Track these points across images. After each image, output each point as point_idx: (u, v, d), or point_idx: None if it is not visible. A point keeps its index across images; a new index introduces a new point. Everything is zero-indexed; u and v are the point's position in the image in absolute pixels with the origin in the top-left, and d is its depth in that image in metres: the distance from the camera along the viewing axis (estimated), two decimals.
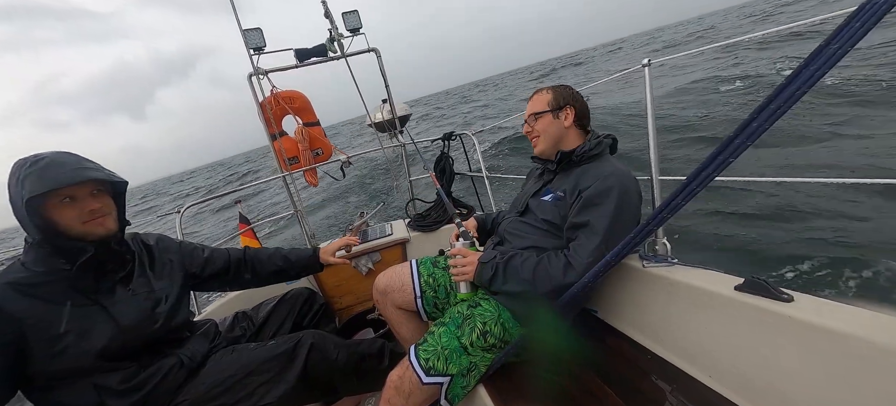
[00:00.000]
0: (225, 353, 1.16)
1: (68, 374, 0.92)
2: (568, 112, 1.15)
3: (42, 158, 0.89)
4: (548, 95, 1.18)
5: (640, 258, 1.10)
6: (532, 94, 1.23)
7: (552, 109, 1.15)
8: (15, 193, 0.87)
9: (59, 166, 0.89)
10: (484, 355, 1.05)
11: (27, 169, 0.86)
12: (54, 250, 0.92)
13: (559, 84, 1.21)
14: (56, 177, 0.87)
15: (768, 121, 0.61)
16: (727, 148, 0.65)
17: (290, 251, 1.45)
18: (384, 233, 2.10)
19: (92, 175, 0.93)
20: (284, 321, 1.44)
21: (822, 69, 0.54)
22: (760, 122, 0.61)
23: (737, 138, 0.63)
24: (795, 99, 0.57)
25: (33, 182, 0.85)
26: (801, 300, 0.75)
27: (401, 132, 2.57)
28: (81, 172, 0.91)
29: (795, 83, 0.57)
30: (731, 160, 0.65)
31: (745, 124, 0.62)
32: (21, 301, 0.87)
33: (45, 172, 0.87)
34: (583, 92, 1.24)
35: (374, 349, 1.33)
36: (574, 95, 1.18)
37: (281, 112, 2.34)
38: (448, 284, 1.31)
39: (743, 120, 0.63)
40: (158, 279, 1.12)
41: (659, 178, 1.09)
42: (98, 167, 0.96)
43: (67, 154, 0.93)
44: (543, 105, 1.17)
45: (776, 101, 0.60)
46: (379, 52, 2.33)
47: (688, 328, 0.96)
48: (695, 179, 0.70)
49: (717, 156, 0.66)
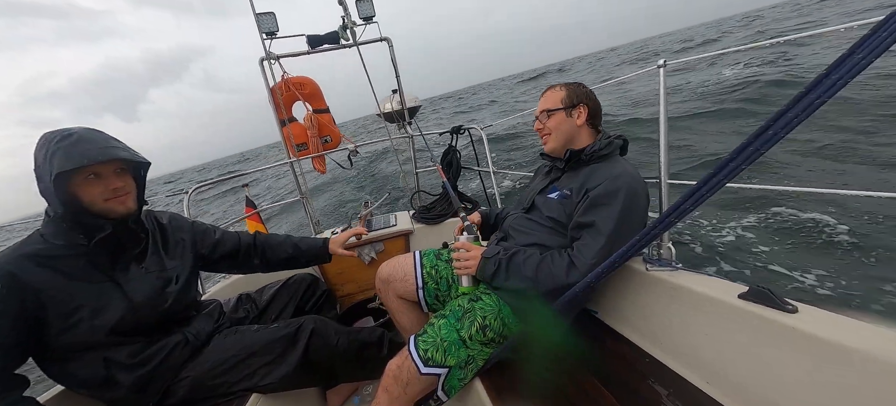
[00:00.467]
0: (229, 334, 1.18)
1: (80, 347, 0.94)
2: (581, 110, 1.13)
3: (71, 134, 0.90)
4: (561, 92, 1.16)
5: (644, 261, 1.10)
6: (545, 91, 1.20)
7: (565, 107, 1.13)
8: (42, 167, 0.88)
9: (88, 143, 0.91)
10: (482, 349, 1.05)
11: (56, 144, 0.88)
12: (74, 225, 0.94)
13: (573, 81, 1.18)
14: (85, 153, 0.89)
15: (784, 129, 0.59)
16: (740, 154, 0.63)
17: (300, 240, 1.46)
18: (388, 223, 2.11)
19: (119, 154, 0.95)
20: (287, 305, 1.46)
21: (844, 78, 0.53)
22: (776, 130, 0.60)
23: (751, 145, 0.62)
24: (814, 108, 0.56)
25: (62, 158, 0.86)
26: (806, 312, 0.74)
27: (409, 123, 2.56)
28: (109, 151, 0.93)
29: (816, 92, 0.56)
30: (744, 167, 0.64)
31: (761, 131, 0.61)
32: (40, 273, 0.89)
33: (74, 148, 0.88)
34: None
35: (374, 337, 1.35)
36: (588, 94, 1.16)
37: (291, 98, 2.35)
38: (450, 277, 1.31)
39: (758, 126, 0.62)
40: (171, 258, 1.14)
41: (668, 182, 1.08)
42: (124, 146, 0.98)
43: (95, 131, 0.94)
44: (556, 102, 1.15)
45: (793, 110, 0.58)
46: (391, 42, 2.32)
47: (688, 333, 0.95)
48: (705, 184, 0.69)
49: (730, 162, 0.65)
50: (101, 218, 0.95)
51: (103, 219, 0.96)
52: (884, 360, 0.61)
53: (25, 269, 0.88)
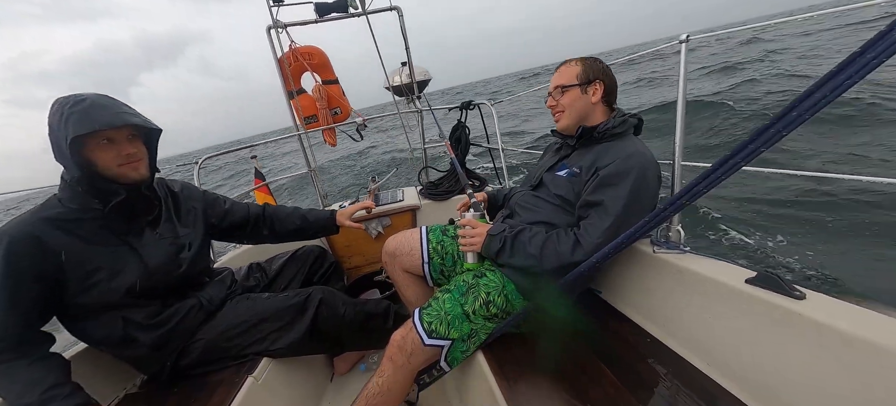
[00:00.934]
0: (240, 300, 1.22)
1: (98, 307, 0.98)
2: (597, 87, 1.09)
3: (84, 99, 0.91)
4: (577, 68, 1.11)
5: (652, 243, 1.09)
6: (559, 66, 1.16)
7: (581, 83, 1.09)
8: (58, 131, 0.89)
9: (101, 108, 0.92)
10: (485, 324, 1.07)
11: (70, 108, 0.89)
12: (89, 190, 0.96)
13: (589, 56, 1.14)
14: (98, 118, 0.90)
15: (809, 111, 0.57)
16: (760, 136, 0.61)
17: (308, 212, 1.48)
18: (395, 198, 2.12)
19: (131, 120, 0.96)
20: (296, 275, 1.50)
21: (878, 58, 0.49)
22: (801, 112, 0.57)
23: (772, 127, 0.60)
24: (844, 88, 0.53)
25: (77, 122, 0.88)
26: (814, 298, 0.73)
27: (418, 97, 2.52)
28: (121, 117, 0.94)
29: (846, 72, 0.53)
30: (763, 149, 0.61)
31: (784, 112, 0.58)
32: (59, 235, 0.92)
33: (88, 113, 0.89)
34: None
35: (379, 309, 1.38)
36: (604, 69, 1.11)
37: (299, 69, 2.31)
38: (455, 253, 1.32)
39: (782, 108, 0.59)
40: (183, 226, 1.17)
41: (682, 163, 1.05)
42: (135, 112, 0.99)
43: (106, 97, 0.95)
44: (571, 78, 1.11)
45: (821, 91, 0.55)
46: (401, 11, 2.25)
47: (692, 316, 0.95)
48: (721, 167, 0.67)
49: (748, 144, 0.63)
50: (115, 183, 0.97)
51: (117, 184, 0.98)
52: (893, 351, 0.60)
53: (46, 231, 0.91)
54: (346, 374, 1.54)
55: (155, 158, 1.09)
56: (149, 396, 1.12)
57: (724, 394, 0.84)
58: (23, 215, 0.93)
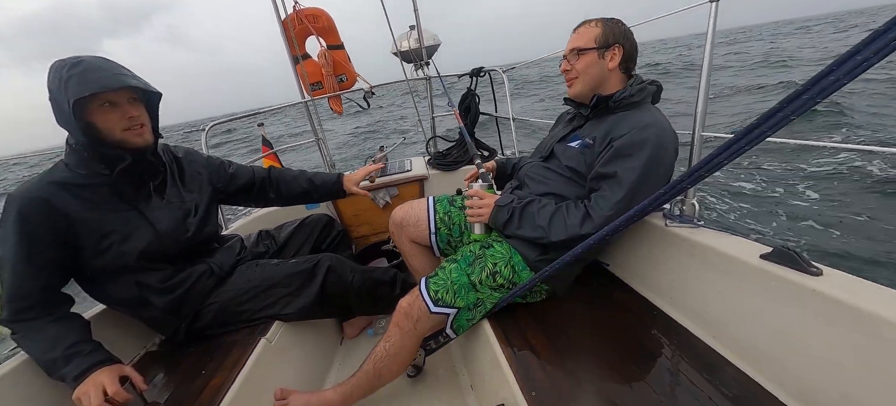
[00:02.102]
0: (250, 266, 1.25)
1: (113, 270, 1.01)
2: (615, 51, 1.01)
3: (81, 61, 0.89)
4: (596, 29, 1.03)
5: (665, 217, 1.06)
6: (578, 26, 1.07)
7: (599, 47, 1.01)
8: (58, 94, 0.88)
9: (100, 70, 0.90)
10: (491, 293, 1.08)
11: (68, 71, 0.87)
12: (94, 155, 0.96)
13: (610, 17, 1.04)
14: (98, 80, 0.88)
15: (849, 75, 0.52)
16: (791, 104, 0.57)
17: (315, 174, 1.48)
18: (403, 168, 2.10)
19: (130, 82, 0.94)
20: (304, 243, 1.52)
21: None
22: (839, 76, 0.52)
23: (805, 93, 0.55)
24: (888, 51, 0.48)
25: (76, 84, 0.86)
26: (831, 275, 0.71)
27: (427, 64, 2.44)
28: (121, 78, 0.92)
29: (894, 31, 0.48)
30: (793, 117, 0.57)
31: (820, 77, 0.54)
32: (69, 199, 0.93)
33: (87, 75, 0.88)
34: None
35: (387, 277, 1.40)
36: (625, 33, 1.03)
37: (303, 32, 2.24)
38: (462, 224, 1.32)
39: (816, 73, 0.55)
40: (189, 191, 1.17)
41: (702, 133, 1.00)
42: (134, 75, 0.97)
43: (103, 59, 0.93)
44: (589, 40, 1.02)
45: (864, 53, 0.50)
46: None
47: (701, 291, 0.94)
48: (744, 137, 0.63)
49: (777, 112, 0.58)
50: (119, 148, 0.97)
51: (122, 150, 0.97)
52: None
53: (56, 195, 0.92)
54: (355, 338, 1.59)
55: (157, 123, 1.08)
56: (167, 355, 1.17)
57: (727, 365, 0.84)
58: (31, 180, 0.94)
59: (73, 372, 0.86)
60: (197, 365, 1.06)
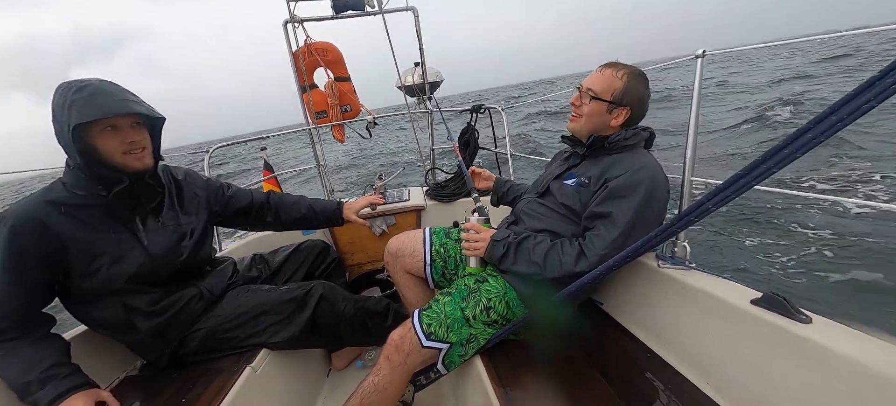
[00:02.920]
0: (241, 291, 1.23)
1: (101, 292, 0.99)
2: (623, 112, 1.05)
3: (87, 85, 0.91)
4: (618, 82, 1.04)
5: (657, 258, 1.07)
6: (604, 66, 1.08)
7: (612, 101, 1.04)
8: (61, 117, 0.89)
9: (105, 95, 0.92)
10: (485, 329, 1.07)
11: (73, 94, 0.89)
12: (92, 176, 0.96)
13: (638, 71, 1.05)
14: (102, 105, 0.90)
15: (825, 133, 0.56)
16: (774, 156, 0.60)
17: (315, 201, 1.49)
18: (401, 198, 2.12)
19: (135, 108, 0.96)
20: (298, 269, 1.51)
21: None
22: (816, 134, 0.56)
23: (786, 147, 0.59)
24: (862, 112, 0.52)
25: (80, 109, 0.88)
26: (820, 323, 0.72)
27: (430, 98, 2.53)
28: (125, 104, 0.94)
29: (866, 95, 0.52)
30: (775, 170, 0.60)
31: (799, 133, 0.57)
32: (63, 219, 0.93)
33: (92, 100, 0.89)
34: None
35: (379, 307, 1.38)
36: (641, 98, 1.05)
37: (313, 64, 2.33)
38: (458, 256, 1.32)
39: (797, 129, 0.58)
40: (186, 214, 1.17)
41: (691, 178, 1.04)
42: (139, 100, 0.99)
43: (110, 83, 0.95)
44: (606, 91, 1.04)
45: (838, 113, 0.54)
46: (417, 11, 2.26)
47: (694, 334, 0.94)
48: (730, 186, 0.66)
49: (761, 164, 0.62)
50: (118, 170, 0.98)
51: (120, 172, 0.98)
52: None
53: (49, 214, 0.92)
54: (343, 370, 1.54)
55: (159, 146, 1.09)
56: (148, 381, 1.13)
57: None
58: (27, 198, 0.94)
59: (47, 396, 0.83)
60: (178, 393, 1.02)
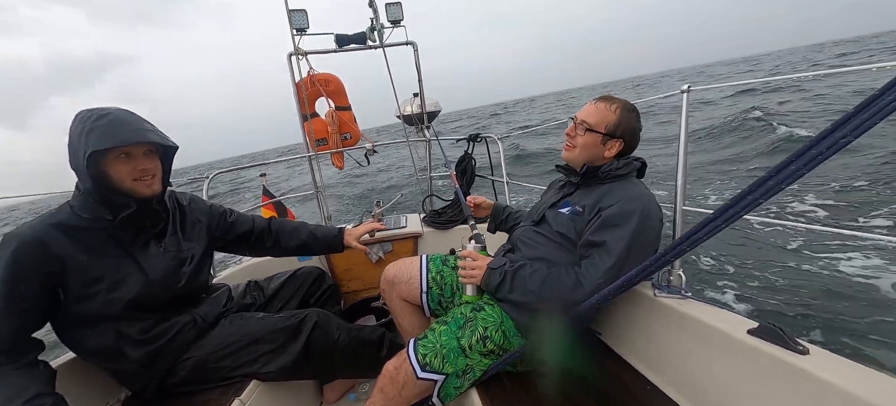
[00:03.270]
0: (234, 319, 1.21)
1: (95, 318, 0.98)
2: (616, 144, 1.08)
3: (106, 113, 0.94)
4: (612, 116, 1.07)
5: (653, 286, 1.07)
6: (598, 99, 1.11)
7: (605, 133, 1.08)
8: (77, 144, 0.92)
9: (123, 124, 0.94)
10: (481, 360, 1.05)
11: (92, 123, 0.92)
12: (101, 201, 0.98)
13: (630, 105, 1.09)
14: (119, 135, 0.93)
15: (807, 166, 0.58)
16: (759, 187, 0.62)
17: (316, 228, 1.48)
18: (398, 224, 2.13)
19: (151, 137, 0.98)
20: (293, 296, 1.49)
21: (872, 119, 0.51)
22: (798, 166, 0.58)
23: (771, 179, 0.61)
24: (840, 147, 0.54)
25: (97, 137, 0.90)
26: (818, 354, 0.71)
27: (428, 127, 2.59)
28: (142, 133, 0.96)
29: (842, 130, 0.54)
30: (762, 200, 0.62)
31: (783, 165, 0.59)
32: (65, 242, 0.93)
33: (110, 129, 0.92)
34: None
35: (374, 336, 1.36)
36: (633, 130, 1.09)
37: (315, 93, 2.40)
38: (455, 284, 1.31)
39: (780, 161, 0.60)
40: (187, 240, 1.17)
41: (683, 208, 1.06)
42: (155, 129, 1.02)
43: (127, 112, 0.98)
44: (600, 124, 1.07)
45: (818, 147, 0.57)
46: (416, 46, 2.36)
47: (692, 365, 0.93)
48: (721, 215, 0.67)
49: (748, 195, 0.63)
50: (127, 196, 0.99)
51: (129, 197, 0.99)
52: None
53: (54, 237, 0.92)
54: (335, 403, 1.49)
55: (169, 173, 1.11)
56: None
57: None
58: (34, 220, 0.95)
59: None
60: None
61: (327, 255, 1.99)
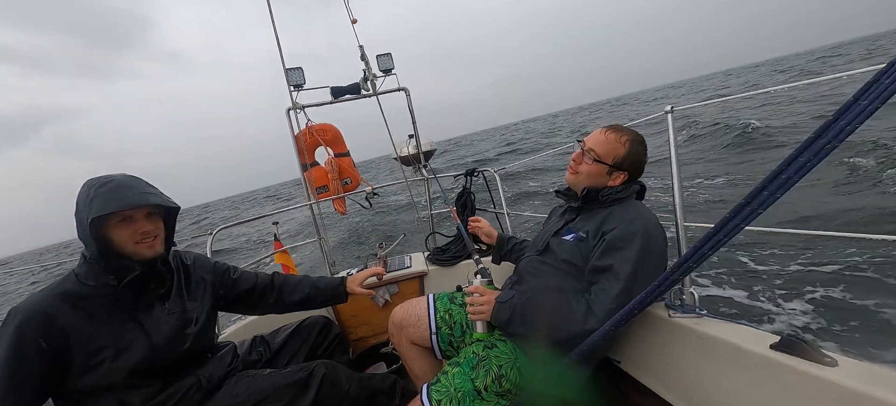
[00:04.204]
0: (240, 378, 1.17)
1: (98, 390, 0.95)
2: (621, 176, 1.10)
3: (111, 180, 0.97)
4: (621, 149, 1.08)
5: (667, 308, 1.05)
6: (607, 129, 1.12)
7: (612, 165, 1.09)
8: (83, 210, 0.94)
9: (126, 189, 0.97)
10: (498, 401, 1.00)
11: (97, 189, 0.95)
12: (106, 267, 0.98)
13: (639, 137, 1.09)
14: (123, 198, 0.95)
15: (798, 173, 0.59)
16: (755, 198, 0.63)
17: (318, 279, 1.47)
18: (403, 265, 2.11)
19: (152, 200, 1.01)
20: (299, 349, 1.45)
21: (852, 124, 0.53)
22: (790, 174, 0.59)
23: (765, 190, 0.62)
24: (825, 153, 0.56)
25: (100, 203, 0.93)
26: (847, 365, 0.69)
27: (425, 166, 2.64)
28: (144, 197, 0.99)
29: (825, 137, 0.56)
30: (761, 211, 0.63)
31: (773, 176, 0.61)
32: (70, 313, 0.93)
33: (113, 194, 0.95)
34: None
35: (386, 385, 1.31)
36: (639, 162, 1.09)
37: (314, 143, 2.48)
38: (464, 323, 1.29)
39: (772, 171, 0.62)
40: (192, 300, 1.17)
41: (684, 224, 1.06)
42: (157, 192, 1.05)
43: (133, 177, 1.02)
44: (608, 155, 1.08)
45: (805, 154, 0.58)
46: (408, 91, 2.46)
47: (718, 387, 0.89)
48: (722, 229, 0.68)
49: (745, 206, 0.64)
50: (130, 260, 1.00)
51: (131, 261, 1.00)
52: None
53: (59, 309, 0.92)
54: None
55: (172, 234, 1.13)
56: None
57: None
58: (39, 292, 0.95)
59: None
60: None
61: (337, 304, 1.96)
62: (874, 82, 0.51)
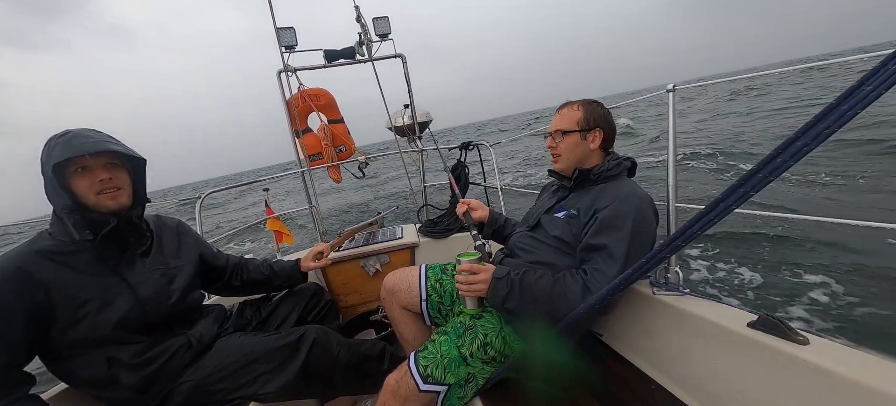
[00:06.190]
0: (231, 339, 1.19)
1: (85, 344, 0.95)
2: (596, 134, 1.11)
3: (68, 131, 0.96)
4: (578, 112, 1.12)
5: (651, 285, 1.08)
6: (561, 107, 1.17)
7: (581, 129, 1.11)
8: (46, 163, 0.93)
9: (82, 137, 0.95)
10: (483, 367, 1.04)
11: (55, 140, 0.94)
12: (79, 221, 0.96)
13: (590, 100, 1.15)
14: (77, 146, 0.93)
15: (794, 157, 0.59)
16: (749, 181, 0.63)
17: (275, 262, 1.53)
18: (394, 236, 2.12)
19: (108, 146, 0.98)
20: (290, 313, 1.47)
21: (853, 109, 0.52)
22: (785, 158, 0.59)
23: (759, 172, 0.62)
24: (823, 137, 0.55)
25: (59, 150, 0.92)
26: (818, 344, 0.72)
27: (420, 137, 2.60)
28: (100, 144, 0.96)
29: (824, 121, 0.56)
30: (752, 193, 0.63)
31: (770, 159, 0.61)
32: (49, 268, 0.92)
33: (70, 143, 0.93)
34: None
35: (375, 351, 1.34)
36: (605, 116, 1.13)
37: (306, 109, 2.41)
38: (454, 292, 1.30)
39: (767, 154, 0.62)
40: (175, 257, 1.16)
41: (676, 205, 1.07)
42: (117, 142, 1.02)
43: (93, 130, 0.99)
44: (572, 123, 1.12)
45: (803, 139, 0.58)
46: (405, 58, 2.38)
47: (694, 361, 0.93)
48: (713, 210, 0.68)
49: (738, 188, 0.64)
50: (95, 211, 0.98)
51: (98, 212, 0.98)
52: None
53: (35, 264, 0.91)
54: None
55: (143, 188, 1.10)
56: None
57: None
58: (12, 250, 0.93)
59: None
60: None
61: (323, 270, 1.97)
62: (881, 68, 0.50)
